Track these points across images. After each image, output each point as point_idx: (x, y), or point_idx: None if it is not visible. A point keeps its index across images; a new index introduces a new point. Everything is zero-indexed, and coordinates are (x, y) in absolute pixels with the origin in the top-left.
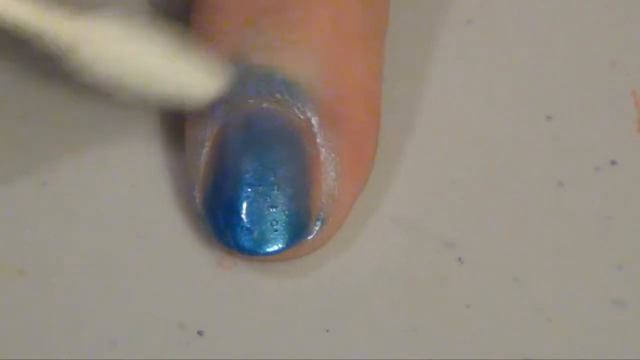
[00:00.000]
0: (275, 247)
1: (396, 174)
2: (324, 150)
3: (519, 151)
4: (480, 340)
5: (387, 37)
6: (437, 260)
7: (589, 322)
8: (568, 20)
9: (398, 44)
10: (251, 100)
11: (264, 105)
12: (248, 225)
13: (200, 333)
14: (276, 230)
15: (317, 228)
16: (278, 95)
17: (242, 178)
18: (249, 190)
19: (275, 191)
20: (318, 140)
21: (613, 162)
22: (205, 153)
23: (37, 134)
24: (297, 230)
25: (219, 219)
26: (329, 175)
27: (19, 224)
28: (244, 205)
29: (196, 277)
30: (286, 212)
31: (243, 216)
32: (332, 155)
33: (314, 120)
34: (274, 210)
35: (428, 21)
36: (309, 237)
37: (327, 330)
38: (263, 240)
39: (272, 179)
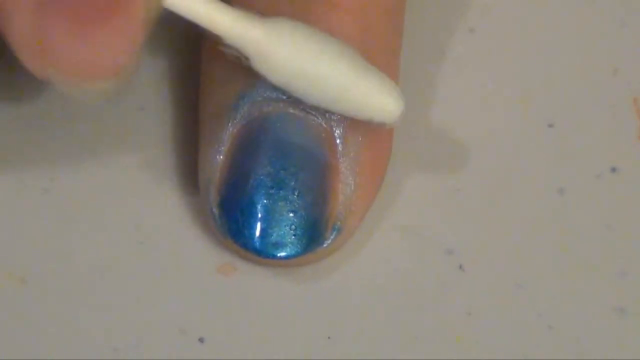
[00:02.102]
0: (291, 252)
1: (398, 182)
2: (343, 159)
3: (521, 158)
4: (482, 347)
5: None
6: (439, 267)
7: (590, 329)
8: (570, 29)
9: (401, 52)
10: (278, 104)
11: (290, 110)
12: (266, 228)
13: (201, 340)
14: (294, 235)
15: (332, 236)
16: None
17: (263, 180)
18: (270, 192)
19: (296, 196)
20: (339, 149)
21: (614, 170)
22: (224, 152)
23: (37, 140)
24: (314, 237)
25: (237, 219)
26: (347, 185)
27: (20, 231)
28: (264, 207)
29: (197, 283)
30: (305, 218)
31: (262, 218)
32: (352, 165)
33: (337, 131)
34: (293, 215)
35: (431, 30)
36: (324, 245)
37: (329, 337)
38: (280, 244)
39: (293, 183)
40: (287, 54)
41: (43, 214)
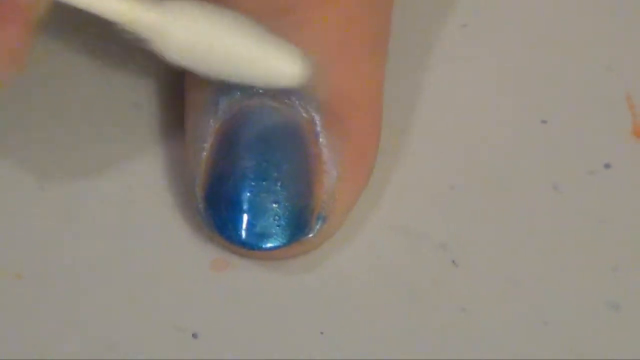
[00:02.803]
0: (277, 243)
1: (392, 178)
2: (326, 150)
3: (514, 155)
4: (476, 343)
5: None
6: (433, 263)
7: (584, 324)
8: (563, 25)
9: (393, 47)
10: (256, 97)
11: (270, 102)
12: (251, 220)
13: (195, 335)
14: (279, 226)
15: (317, 226)
16: (282, 94)
17: (245, 173)
18: (253, 184)
19: (278, 187)
20: (321, 139)
21: (607, 166)
22: (207, 148)
23: (34, 137)
24: (298, 227)
25: (222, 213)
26: (330, 174)
27: (16, 227)
28: (247, 199)
29: (190, 279)
30: (289, 208)
31: (246, 210)
32: (334, 155)
33: (317, 120)
34: (277, 205)
35: (423, 25)
36: (310, 235)
37: (322, 333)
38: (265, 235)
39: (276, 174)
40: (182, 33)
41: (39, 211)
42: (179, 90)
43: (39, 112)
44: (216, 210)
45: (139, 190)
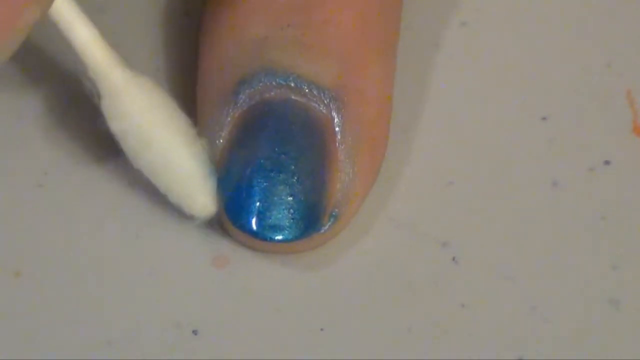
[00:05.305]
0: (288, 236)
1: (392, 174)
2: (342, 148)
3: (514, 152)
4: (475, 339)
5: None
6: (432, 259)
7: (584, 321)
8: (564, 22)
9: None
10: (278, 90)
11: (292, 96)
12: (264, 211)
13: (195, 332)
14: (292, 219)
15: (329, 223)
16: (306, 90)
17: (263, 163)
18: (270, 175)
19: (295, 180)
20: (338, 137)
21: (607, 162)
22: (224, 136)
23: (33, 134)
24: (311, 222)
25: (235, 201)
26: (345, 173)
27: (15, 225)
28: (263, 190)
29: (191, 276)
30: (304, 203)
31: (260, 200)
32: (350, 154)
33: (336, 119)
34: (292, 199)
35: (423, 23)
36: (321, 231)
37: (322, 329)
38: (277, 227)
39: (293, 168)
40: (131, 108)
41: (38, 207)
42: (181, 88)
43: (38, 109)
44: (231, 198)
45: (139, 187)
